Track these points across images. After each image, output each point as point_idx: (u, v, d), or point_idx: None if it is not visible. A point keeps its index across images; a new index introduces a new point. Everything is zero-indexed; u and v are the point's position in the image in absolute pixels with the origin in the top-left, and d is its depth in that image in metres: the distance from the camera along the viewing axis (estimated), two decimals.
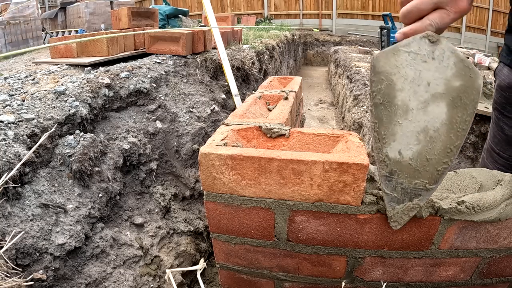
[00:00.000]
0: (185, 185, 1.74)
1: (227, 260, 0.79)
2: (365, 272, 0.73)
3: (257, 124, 0.75)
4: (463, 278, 0.73)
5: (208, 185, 0.67)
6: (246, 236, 0.72)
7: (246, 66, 2.68)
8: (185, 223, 1.61)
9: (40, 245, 0.94)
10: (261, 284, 0.82)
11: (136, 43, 2.23)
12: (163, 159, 1.66)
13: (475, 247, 0.67)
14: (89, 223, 1.12)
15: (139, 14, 2.58)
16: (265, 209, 0.66)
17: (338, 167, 0.59)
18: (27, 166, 1.00)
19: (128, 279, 1.18)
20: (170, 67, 1.96)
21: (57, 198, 1.05)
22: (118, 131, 1.45)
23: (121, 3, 6.58)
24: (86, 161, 1.16)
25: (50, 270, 0.95)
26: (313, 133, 0.72)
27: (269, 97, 1.02)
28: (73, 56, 2.03)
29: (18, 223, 0.91)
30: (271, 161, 0.61)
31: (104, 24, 6.10)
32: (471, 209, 0.61)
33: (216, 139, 0.69)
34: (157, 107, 1.69)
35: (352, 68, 3.82)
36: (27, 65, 2.16)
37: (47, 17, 7.16)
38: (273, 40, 4.44)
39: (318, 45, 9.56)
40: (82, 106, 1.29)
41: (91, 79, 1.46)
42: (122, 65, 1.80)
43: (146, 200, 1.50)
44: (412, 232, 0.65)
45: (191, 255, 1.56)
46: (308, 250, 0.70)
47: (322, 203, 0.63)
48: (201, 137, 1.82)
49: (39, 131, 1.09)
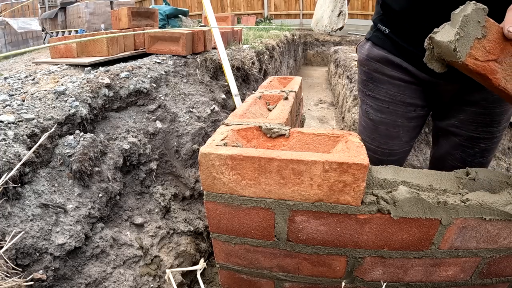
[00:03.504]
0: (185, 185, 1.74)
1: (227, 260, 0.79)
2: (365, 272, 0.73)
3: (257, 124, 0.75)
4: (463, 278, 0.73)
5: (208, 185, 0.67)
6: (246, 236, 0.72)
7: (246, 66, 2.68)
8: (185, 223, 1.61)
9: (40, 245, 0.94)
10: (261, 284, 0.82)
11: (136, 43, 2.23)
12: (163, 159, 1.66)
13: (475, 247, 0.67)
14: (89, 223, 1.12)
15: (139, 14, 2.58)
16: (265, 209, 0.66)
17: (338, 167, 0.59)
18: (27, 166, 1.00)
19: (128, 279, 1.18)
20: (170, 67, 1.96)
21: (57, 198, 1.05)
22: (118, 131, 1.45)
23: (121, 3, 6.58)
24: (86, 161, 1.16)
25: (50, 270, 0.95)
26: (313, 133, 0.72)
27: (269, 97, 1.02)
28: (73, 56, 2.03)
29: (18, 223, 0.91)
30: (271, 161, 0.61)
31: (104, 24, 6.10)
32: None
33: (216, 139, 0.69)
34: (157, 107, 1.69)
35: (352, 68, 3.82)
36: (27, 65, 2.16)
37: (47, 17, 7.15)
38: (273, 40, 4.44)
39: (318, 45, 9.55)
40: (82, 106, 1.29)
41: (91, 79, 1.46)
42: (122, 65, 1.80)
43: (146, 200, 1.50)
44: (412, 232, 0.65)
45: (191, 255, 1.55)
46: (308, 250, 0.70)
47: (322, 203, 0.63)
48: (201, 137, 1.82)
49: (39, 131, 1.09)
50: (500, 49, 0.58)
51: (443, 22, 0.80)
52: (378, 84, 1.07)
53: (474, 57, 0.59)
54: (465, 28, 0.58)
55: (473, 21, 0.57)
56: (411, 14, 0.91)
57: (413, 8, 0.90)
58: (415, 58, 0.95)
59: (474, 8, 0.57)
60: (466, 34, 0.58)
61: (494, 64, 0.59)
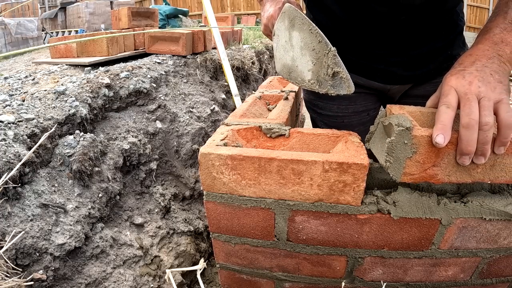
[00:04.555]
0: (185, 185, 1.74)
1: (227, 260, 0.79)
2: (365, 272, 0.73)
3: (257, 124, 0.75)
4: (463, 278, 0.73)
5: (208, 185, 0.67)
6: (246, 236, 0.72)
7: (246, 66, 2.68)
8: (185, 223, 1.61)
9: (40, 245, 0.94)
10: (261, 284, 0.82)
11: (136, 43, 2.24)
12: (163, 159, 1.66)
13: (475, 247, 0.67)
14: (89, 223, 1.12)
15: (139, 14, 2.58)
16: (265, 209, 0.66)
17: (338, 167, 0.59)
18: (27, 166, 1.00)
19: (128, 279, 1.18)
20: (170, 67, 1.96)
21: (57, 198, 1.05)
22: (118, 131, 1.45)
23: (121, 3, 6.58)
24: (86, 161, 1.16)
25: (50, 270, 0.95)
26: (313, 133, 0.72)
27: (269, 97, 1.02)
28: (73, 56, 2.03)
29: (18, 223, 0.91)
30: (271, 161, 0.61)
31: (104, 24, 6.10)
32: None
33: (216, 139, 0.68)
34: (157, 107, 1.69)
35: None
36: (27, 65, 2.16)
37: (47, 17, 7.15)
38: None
39: None
40: (82, 106, 1.29)
41: (91, 79, 1.46)
42: (122, 65, 1.80)
43: (146, 200, 1.50)
44: (412, 232, 0.65)
45: (191, 255, 1.55)
46: (308, 250, 0.70)
47: (322, 203, 0.63)
48: (201, 137, 1.82)
49: (39, 131, 1.09)
50: (435, 155, 0.55)
51: (379, 32, 0.81)
52: (328, 101, 1.03)
53: (409, 174, 0.57)
54: (393, 154, 0.56)
55: (400, 144, 0.54)
56: (346, 34, 0.89)
57: (345, 30, 0.88)
58: (362, 69, 0.93)
59: (397, 131, 0.54)
60: (395, 159, 0.56)
61: (432, 170, 0.56)
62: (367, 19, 0.81)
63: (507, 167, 0.57)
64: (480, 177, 0.58)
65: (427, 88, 0.92)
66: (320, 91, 0.69)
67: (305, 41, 0.69)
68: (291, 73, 0.76)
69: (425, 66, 0.90)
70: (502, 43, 0.59)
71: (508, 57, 0.58)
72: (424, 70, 0.91)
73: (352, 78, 0.96)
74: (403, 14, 0.76)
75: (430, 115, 0.62)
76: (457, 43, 0.91)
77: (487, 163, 0.56)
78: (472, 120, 0.50)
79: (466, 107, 0.52)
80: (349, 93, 0.65)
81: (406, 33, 0.82)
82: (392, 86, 0.96)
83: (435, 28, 0.84)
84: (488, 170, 0.57)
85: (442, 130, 0.52)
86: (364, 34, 0.86)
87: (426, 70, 0.91)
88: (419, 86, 0.95)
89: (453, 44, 0.90)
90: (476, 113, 0.51)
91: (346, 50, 0.93)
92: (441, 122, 0.52)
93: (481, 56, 0.58)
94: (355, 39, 0.89)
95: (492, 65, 0.56)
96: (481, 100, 0.52)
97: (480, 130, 0.50)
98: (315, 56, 0.68)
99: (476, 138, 0.51)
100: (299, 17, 0.70)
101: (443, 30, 0.86)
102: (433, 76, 0.90)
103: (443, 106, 0.54)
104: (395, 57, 0.88)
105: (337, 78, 0.66)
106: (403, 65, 0.89)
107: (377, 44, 0.87)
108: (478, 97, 0.52)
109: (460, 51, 0.89)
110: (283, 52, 0.77)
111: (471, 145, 0.51)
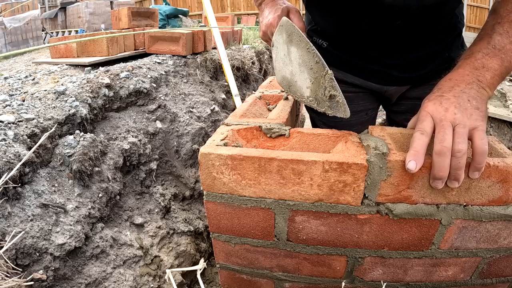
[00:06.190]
0: (185, 185, 1.74)
1: (227, 260, 0.79)
2: (365, 272, 0.73)
3: (257, 124, 0.75)
4: (463, 278, 0.73)
5: (208, 185, 0.67)
6: (246, 236, 0.72)
7: (246, 66, 2.68)
8: (185, 223, 1.61)
9: (40, 245, 0.94)
10: (261, 284, 0.82)
11: (136, 43, 2.24)
12: (163, 159, 1.66)
13: (475, 247, 0.67)
14: (89, 223, 1.12)
15: (139, 14, 2.58)
16: (265, 209, 0.66)
17: (338, 167, 0.59)
18: (27, 166, 1.00)
19: (128, 279, 1.18)
20: (170, 67, 1.96)
21: (57, 198, 1.05)
22: (118, 131, 1.45)
23: (121, 3, 6.58)
24: (86, 161, 1.16)
25: (50, 270, 0.95)
26: (313, 133, 0.72)
27: (269, 97, 1.02)
28: (73, 56, 2.03)
29: (18, 223, 0.91)
30: (271, 161, 0.61)
31: (104, 24, 6.10)
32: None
33: (216, 139, 0.68)
34: (157, 107, 1.69)
35: None
36: (27, 65, 2.16)
37: (47, 17, 7.15)
38: None
39: None
40: (82, 106, 1.29)
41: (91, 79, 1.46)
42: (122, 65, 1.80)
43: (146, 200, 1.50)
44: (412, 232, 0.65)
45: (191, 255, 1.56)
46: (308, 250, 0.70)
47: (322, 203, 0.63)
48: (201, 137, 1.82)
49: (39, 131, 1.09)
50: (409, 178, 0.57)
51: (374, 35, 0.81)
52: None
53: (384, 195, 0.60)
54: (370, 176, 0.59)
55: (376, 168, 0.57)
56: (343, 35, 0.89)
57: (342, 32, 0.88)
58: (358, 69, 0.93)
59: (373, 154, 0.57)
60: (372, 181, 0.59)
61: (406, 191, 0.59)
62: (362, 23, 0.81)
63: (483, 190, 0.58)
64: (455, 199, 0.59)
65: (425, 90, 0.91)
66: (319, 109, 0.70)
67: (303, 59, 0.70)
68: (291, 87, 0.78)
69: (422, 68, 0.89)
70: (483, 68, 0.59)
71: (488, 82, 0.58)
72: (421, 72, 0.90)
73: (349, 78, 0.95)
74: (398, 19, 0.75)
75: (410, 137, 0.65)
76: (456, 45, 0.91)
77: (462, 186, 0.57)
78: (444, 147, 0.51)
79: (440, 134, 0.53)
80: (345, 117, 0.67)
81: (402, 37, 0.82)
82: (388, 87, 0.95)
83: (433, 31, 0.83)
84: (463, 192, 0.58)
85: (414, 156, 0.53)
86: (359, 37, 0.86)
87: (423, 72, 0.90)
88: (417, 88, 0.94)
89: (452, 46, 0.90)
90: (449, 141, 0.52)
91: (342, 49, 0.93)
92: (414, 148, 0.54)
93: (460, 82, 0.59)
94: (351, 41, 0.89)
95: (471, 91, 0.57)
96: (456, 127, 0.53)
97: (453, 157, 0.51)
98: (313, 75, 0.68)
99: (448, 164, 0.52)
100: (296, 34, 0.69)
101: (441, 33, 0.86)
102: (430, 78, 0.89)
103: (418, 132, 0.55)
104: (391, 60, 0.88)
105: (334, 100, 0.67)
106: (400, 67, 0.89)
107: (372, 47, 0.87)
108: (453, 124, 0.53)
109: (459, 53, 0.89)
110: (282, 65, 0.78)
111: (443, 170, 0.52)
